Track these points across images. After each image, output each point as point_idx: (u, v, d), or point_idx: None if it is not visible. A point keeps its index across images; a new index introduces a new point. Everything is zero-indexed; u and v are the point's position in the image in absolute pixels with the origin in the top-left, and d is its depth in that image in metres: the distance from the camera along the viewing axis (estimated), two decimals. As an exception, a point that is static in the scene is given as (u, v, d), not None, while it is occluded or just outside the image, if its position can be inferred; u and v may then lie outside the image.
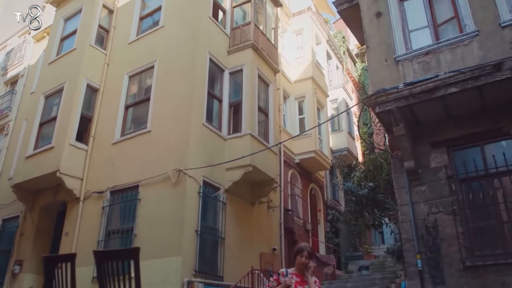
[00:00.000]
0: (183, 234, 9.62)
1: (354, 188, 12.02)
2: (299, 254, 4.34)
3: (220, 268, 10.50)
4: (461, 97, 6.94)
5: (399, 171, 7.65)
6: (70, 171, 11.73)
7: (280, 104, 15.23)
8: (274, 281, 4.30)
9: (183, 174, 10.12)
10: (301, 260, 4.28)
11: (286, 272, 4.29)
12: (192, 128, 10.69)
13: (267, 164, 12.00)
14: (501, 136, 7.10)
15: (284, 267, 13.01)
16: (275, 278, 4.31)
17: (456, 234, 6.82)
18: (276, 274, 4.37)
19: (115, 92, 12.76)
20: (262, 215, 12.88)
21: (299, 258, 4.30)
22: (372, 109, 7.58)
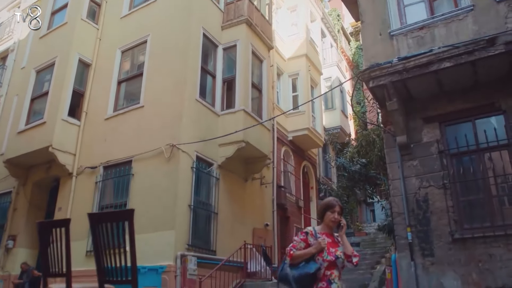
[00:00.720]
0: (176, 209, 9.69)
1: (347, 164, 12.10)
2: (329, 209, 3.70)
3: (213, 243, 10.61)
4: (455, 72, 6.96)
5: (392, 146, 7.70)
6: (62, 146, 11.69)
7: (273, 81, 15.18)
8: (301, 241, 3.63)
9: (176, 149, 10.13)
10: (332, 216, 3.65)
11: (314, 232, 3.66)
12: (186, 104, 10.66)
13: (260, 141, 12.03)
14: (493, 112, 7.15)
15: (276, 243, 13.17)
16: (302, 238, 3.64)
17: (446, 208, 6.92)
18: (303, 233, 3.70)
19: (107, 67, 12.64)
20: (255, 191, 12.96)
21: (330, 214, 3.67)
22: (365, 83, 7.58)
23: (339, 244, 3.63)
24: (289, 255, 3.55)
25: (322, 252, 3.51)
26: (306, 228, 3.85)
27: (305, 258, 3.51)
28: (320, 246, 3.51)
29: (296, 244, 3.63)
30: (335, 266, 3.53)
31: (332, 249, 3.55)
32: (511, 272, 6.18)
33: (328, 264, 3.50)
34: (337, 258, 3.52)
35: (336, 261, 3.52)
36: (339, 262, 3.54)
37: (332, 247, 3.57)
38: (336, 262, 3.53)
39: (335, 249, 3.56)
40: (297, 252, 3.56)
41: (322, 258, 3.50)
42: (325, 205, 3.76)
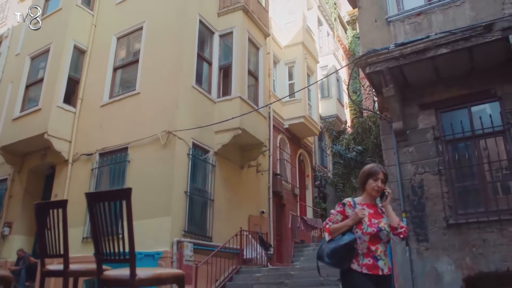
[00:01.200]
0: (172, 195, 9.71)
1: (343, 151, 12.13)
2: (371, 177, 3.35)
3: (209, 229, 10.65)
4: (451, 59, 6.97)
5: (388, 132, 7.73)
6: (58, 133, 11.64)
7: (270, 69, 15.15)
8: (338, 214, 3.32)
9: (173, 135, 10.12)
10: (375, 185, 3.31)
11: (353, 203, 3.34)
12: (182, 90, 10.64)
13: (256, 128, 12.03)
14: (489, 98, 7.18)
15: (272, 230, 13.24)
16: (339, 210, 3.33)
17: (441, 194, 6.97)
18: (340, 205, 3.37)
19: (103, 54, 12.56)
20: (251, 179, 13.00)
21: (372, 182, 3.33)
22: (362, 69, 7.58)
23: (383, 215, 3.31)
24: (325, 229, 3.31)
25: (361, 224, 3.18)
26: (344, 199, 3.49)
27: (342, 231, 3.19)
28: (357, 216, 3.17)
29: (332, 217, 3.33)
30: (380, 240, 3.20)
31: (375, 221, 3.22)
32: (504, 257, 6.25)
33: (370, 237, 3.16)
34: (380, 230, 3.18)
35: (379, 233, 3.18)
36: (383, 234, 3.20)
37: (374, 218, 3.24)
38: (380, 235, 3.19)
39: (378, 220, 3.23)
40: (333, 225, 3.27)
41: (362, 231, 3.16)
42: (367, 172, 3.39)
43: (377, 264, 3.14)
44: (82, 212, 10.60)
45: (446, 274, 6.59)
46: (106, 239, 2.90)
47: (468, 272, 6.47)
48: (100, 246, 2.92)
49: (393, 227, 3.25)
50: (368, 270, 3.12)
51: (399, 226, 3.26)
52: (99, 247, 2.92)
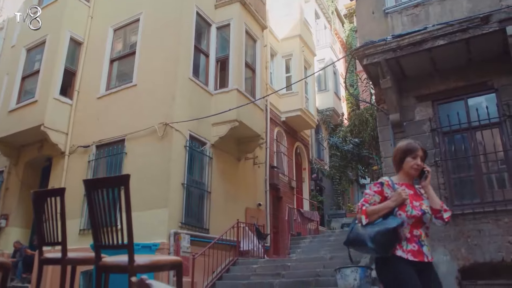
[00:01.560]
0: (169, 187, 9.72)
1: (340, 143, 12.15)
2: (409, 154, 3.03)
3: (206, 221, 10.67)
4: (448, 50, 6.99)
5: (385, 124, 7.75)
6: (54, 125, 11.62)
7: (267, 62, 15.12)
8: (375, 194, 2.98)
9: (170, 127, 10.11)
10: (414, 163, 3.01)
11: (391, 182, 3.01)
12: (179, 82, 10.61)
13: (253, 120, 12.03)
14: (485, 90, 7.21)
15: (268, 222, 13.28)
16: (376, 190, 2.99)
17: (438, 185, 7.00)
18: (378, 185, 3.02)
19: (99, 45, 12.51)
20: (247, 171, 13.01)
21: (411, 160, 3.01)
22: (360, 61, 7.59)
23: (423, 196, 3.01)
24: (361, 211, 2.93)
25: (404, 206, 2.87)
26: (380, 178, 3.15)
27: (382, 214, 2.87)
28: (400, 197, 2.86)
29: (369, 198, 2.98)
30: (422, 224, 2.92)
31: (416, 203, 2.92)
32: (498, 247, 6.30)
33: (414, 221, 2.88)
34: (424, 213, 2.90)
35: (422, 217, 2.90)
36: (426, 218, 2.92)
37: (415, 200, 2.94)
38: (423, 219, 2.91)
39: (419, 202, 2.94)
40: (371, 207, 2.92)
41: (406, 214, 2.86)
42: (405, 149, 3.06)
43: (422, 250, 2.87)
44: (79, 204, 10.62)
45: (442, 265, 6.62)
46: (104, 226, 2.91)
47: (464, 262, 6.52)
48: (98, 233, 2.93)
49: (435, 209, 2.96)
50: (413, 256, 2.83)
51: (442, 208, 2.97)
52: (97, 234, 2.93)
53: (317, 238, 13.27)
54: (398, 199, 2.87)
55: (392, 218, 2.84)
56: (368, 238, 2.82)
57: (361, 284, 6.96)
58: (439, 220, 2.98)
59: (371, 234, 2.82)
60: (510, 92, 6.89)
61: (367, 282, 7.06)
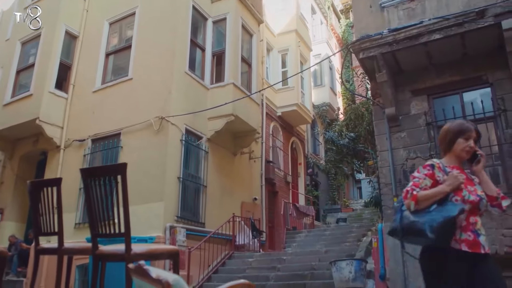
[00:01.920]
0: (165, 181, 9.73)
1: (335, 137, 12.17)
2: (462, 135, 2.74)
3: (202, 215, 10.69)
4: (444, 44, 7.00)
5: (380, 118, 7.77)
6: (49, 119, 11.58)
7: (263, 56, 15.12)
8: (426, 178, 2.68)
9: (166, 121, 10.11)
10: (466, 145, 2.72)
11: (442, 165, 2.73)
12: (175, 76, 10.60)
13: (249, 115, 12.04)
14: (480, 84, 7.23)
15: (264, 216, 13.31)
16: (427, 174, 2.69)
17: (432, 178, 7.04)
18: (429, 167, 2.73)
19: (95, 39, 12.46)
20: (243, 166, 13.03)
21: (463, 142, 2.73)
22: (356, 55, 7.59)
23: (474, 182, 2.74)
24: (412, 197, 2.60)
25: (460, 190, 2.59)
26: (429, 160, 2.87)
27: (436, 200, 2.58)
28: (457, 181, 2.56)
29: (419, 182, 2.67)
30: (477, 211, 2.66)
31: (471, 188, 2.65)
32: (493, 240, 6.34)
33: (471, 207, 2.60)
34: (481, 199, 2.64)
35: (479, 203, 2.63)
36: (483, 204, 2.66)
37: (469, 185, 2.66)
38: (479, 205, 2.64)
39: (473, 187, 2.66)
40: (422, 192, 2.61)
41: (463, 199, 2.58)
42: (457, 130, 2.76)
43: (478, 240, 2.59)
44: (74, 198, 10.62)
45: (436, 257, 6.67)
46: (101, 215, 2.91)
47: (458, 255, 6.56)
48: (95, 222, 2.93)
49: (491, 196, 2.69)
50: (468, 247, 2.55)
51: (499, 195, 2.70)
52: (94, 222, 2.94)
53: (313, 232, 13.32)
54: (454, 183, 2.57)
55: (452, 204, 2.55)
56: (428, 227, 2.52)
57: (356, 276, 7.01)
58: (496, 208, 2.73)
59: (431, 222, 2.52)
60: (504, 87, 6.92)
61: (362, 275, 7.11)
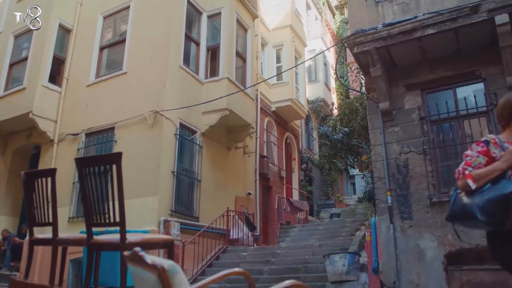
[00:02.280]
0: (159, 175, 9.72)
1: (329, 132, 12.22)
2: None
3: (196, 209, 10.70)
4: (438, 40, 7.05)
5: (374, 112, 7.81)
6: (43, 113, 11.52)
7: (258, 51, 15.10)
8: (479, 156, 2.48)
9: (160, 115, 10.10)
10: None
11: (499, 141, 2.51)
12: (169, 70, 10.58)
13: (244, 109, 12.04)
14: (474, 79, 7.29)
15: (258, 211, 13.34)
16: (481, 151, 2.50)
17: (425, 173, 7.11)
18: (483, 144, 2.53)
19: (89, 33, 12.39)
20: (237, 160, 13.05)
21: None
22: (350, 49, 7.62)
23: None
24: (465, 176, 2.43)
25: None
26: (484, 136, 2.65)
27: (491, 178, 2.37)
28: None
29: (471, 161, 2.48)
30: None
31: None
32: (483, 233, 6.37)
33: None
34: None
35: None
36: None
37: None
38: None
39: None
40: (476, 170, 2.43)
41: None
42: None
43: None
44: (68, 191, 10.59)
45: (429, 251, 6.74)
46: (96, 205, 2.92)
47: (450, 248, 6.64)
48: (90, 212, 2.94)
49: None
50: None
51: None
52: (89, 212, 2.94)
53: (306, 227, 13.37)
54: (510, 159, 2.37)
55: (506, 181, 2.33)
56: (477, 208, 2.33)
57: (350, 269, 7.06)
58: None
59: (480, 203, 2.33)
60: (497, 82, 6.97)
61: (355, 268, 7.17)
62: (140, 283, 2.11)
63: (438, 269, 6.61)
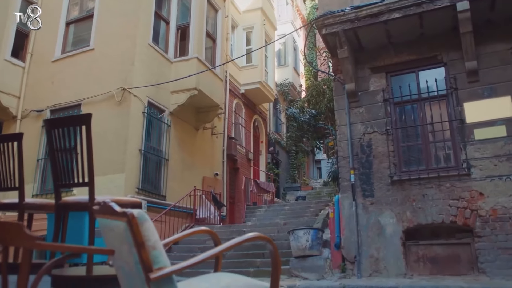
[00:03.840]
0: (126, 152, 9.69)
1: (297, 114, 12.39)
2: None
3: (163, 188, 10.73)
4: (403, 24, 7.27)
5: (340, 93, 8.01)
6: (5, 88, 11.19)
7: (228, 33, 15.07)
8: None
9: (128, 93, 10.02)
10: None
11: None
12: (138, 48, 10.47)
13: (213, 90, 12.06)
14: (435, 64, 7.57)
15: (225, 192, 13.46)
16: None
17: (387, 152, 7.38)
18: None
19: (54, 7, 12.04)
20: (205, 141, 13.09)
21: None
22: (319, 31, 7.76)
23: None
24: None
25: None
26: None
27: None
28: None
29: None
30: None
31: None
32: (440, 210, 6.75)
33: None
34: None
35: None
36: None
37: None
38: None
39: None
40: None
41: None
42: None
43: None
44: (32, 169, 10.41)
45: (388, 226, 7.04)
46: (65, 165, 2.95)
47: (408, 224, 6.95)
48: (58, 172, 2.97)
49: None
50: None
51: None
52: (57, 173, 2.97)
53: (272, 207, 13.60)
54: None
55: None
56: None
57: (313, 245, 7.29)
58: None
59: None
60: (457, 66, 7.27)
61: (318, 243, 7.40)
62: (109, 234, 2.19)
63: (397, 244, 6.92)
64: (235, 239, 2.19)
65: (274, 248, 2.15)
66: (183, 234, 2.74)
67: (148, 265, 1.90)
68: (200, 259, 2.01)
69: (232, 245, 2.15)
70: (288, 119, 17.25)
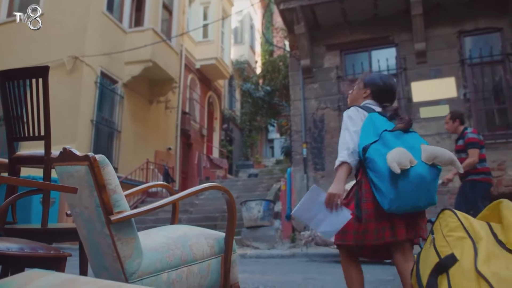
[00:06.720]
0: (78, 122, 9.47)
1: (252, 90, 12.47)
2: None
3: (115, 160, 10.59)
4: (359, 3, 7.51)
5: (296, 69, 8.17)
6: None
7: (185, 6, 14.83)
8: None
9: (80, 61, 9.74)
10: None
11: None
12: (91, 15, 10.15)
13: (168, 63, 11.91)
14: (387, 44, 7.87)
15: (178, 166, 13.43)
16: None
17: (339, 128, 7.62)
18: None
19: (0, -33, 11.41)
20: (159, 115, 12.96)
21: None
22: (277, 6, 7.85)
23: None
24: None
25: None
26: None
27: None
28: None
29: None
30: None
31: None
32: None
33: None
34: None
35: None
36: None
37: None
38: None
39: None
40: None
41: None
42: None
43: None
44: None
45: (337, 199, 7.32)
46: (20, 118, 2.89)
47: (356, 196, 7.26)
48: (12, 124, 2.91)
49: None
50: None
51: None
52: (11, 125, 2.91)
53: (225, 182, 13.70)
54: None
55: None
56: None
57: (264, 215, 7.48)
58: None
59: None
60: (407, 47, 7.60)
61: (269, 215, 7.60)
62: (69, 181, 2.21)
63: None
64: (192, 188, 2.25)
65: (231, 197, 2.24)
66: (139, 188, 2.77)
67: (109, 208, 1.95)
68: (159, 204, 2.07)
69: (189, 193, 2.21)
70: (243, 96, 17.29)
